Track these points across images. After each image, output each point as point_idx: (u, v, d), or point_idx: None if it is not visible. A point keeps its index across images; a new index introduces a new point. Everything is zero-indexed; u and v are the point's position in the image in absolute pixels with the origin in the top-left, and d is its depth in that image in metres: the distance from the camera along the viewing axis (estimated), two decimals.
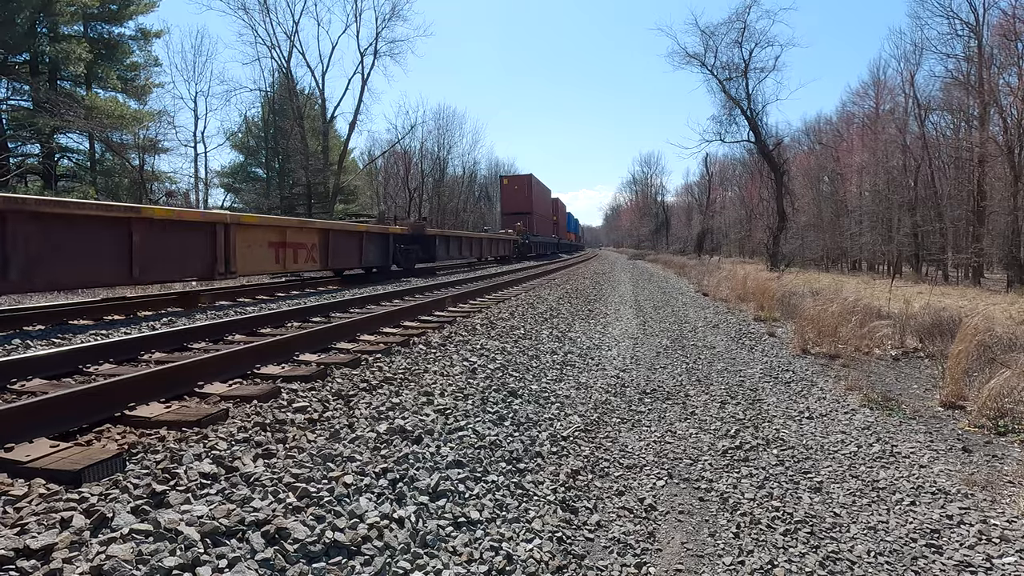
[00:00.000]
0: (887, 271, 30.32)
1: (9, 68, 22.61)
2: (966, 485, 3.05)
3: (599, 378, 5.16)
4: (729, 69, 25.62)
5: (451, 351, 4.96)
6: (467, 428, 3.17)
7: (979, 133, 24.58)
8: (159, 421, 2.82)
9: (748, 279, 12.27)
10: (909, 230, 28.74)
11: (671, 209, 70.97)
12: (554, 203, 48.27)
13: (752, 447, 3.60)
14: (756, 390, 4.95)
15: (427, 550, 2.06)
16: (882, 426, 4.00)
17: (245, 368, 3.91)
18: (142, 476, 2.11)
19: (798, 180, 37.37)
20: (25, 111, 23.39)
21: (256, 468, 2.24)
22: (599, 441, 3.62)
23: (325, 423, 2.91)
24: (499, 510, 2.47)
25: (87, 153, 27.01)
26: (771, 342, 7.16)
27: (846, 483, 3.09)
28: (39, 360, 3.74)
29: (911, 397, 4.79)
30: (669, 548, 2.46)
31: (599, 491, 2.93)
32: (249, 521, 1.86)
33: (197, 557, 1.66)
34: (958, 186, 27.88)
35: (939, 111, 29.43)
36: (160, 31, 29.95)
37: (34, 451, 2.30)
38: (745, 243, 47.64)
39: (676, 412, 4.32)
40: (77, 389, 2.87)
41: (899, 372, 5.73)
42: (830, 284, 15.93)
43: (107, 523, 1.76)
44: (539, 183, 39.55)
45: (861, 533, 2.57)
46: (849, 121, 40.34)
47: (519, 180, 37.18)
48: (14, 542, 1.62)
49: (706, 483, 3.08)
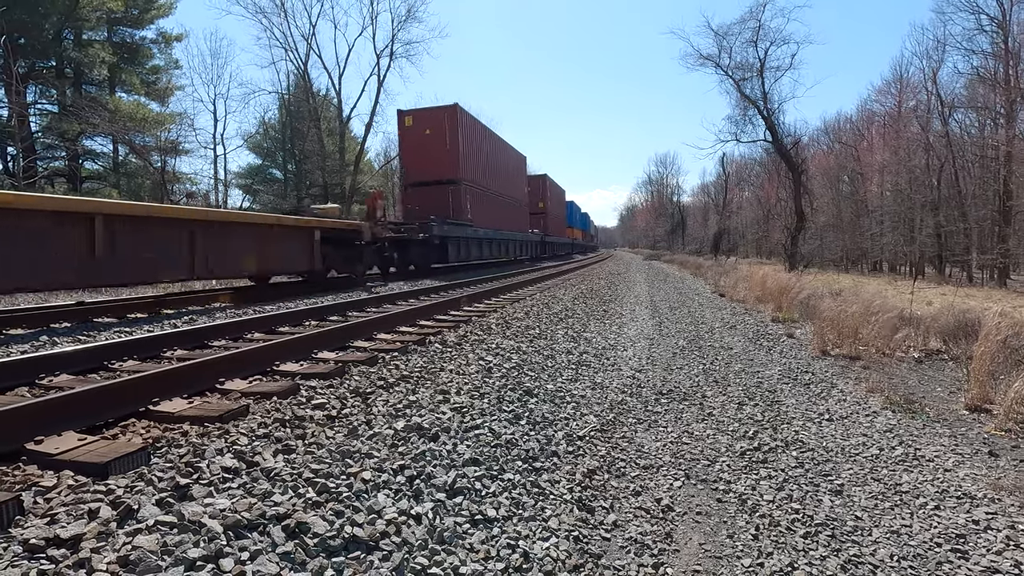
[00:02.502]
0: (909, 272, 29.75)
1: (37, 73, 23.21)
2: (992, 489, 2.98)
3: (615, 378, 5.14)
4: (744, 69, 25.30)
5: (467, 350, 4.97)
6: (483, 426, 3.18)
7: (1005, 131, 24.00)
8: (182, 416, 2.88)
9: (766, 280, 12.13)
10: (932, 230, 28.17)
11: (687, 209, 70.32)
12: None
13: (771, 449, 3.55)
14: (774, 391, 4.89)
15: (444, 546, 2.07)
16: (905, 429, 3.93)
17: (264, 365, 3.96)
18: (166, 469, 2.15)
19: (817, 180, 36.79)
20: (52, 115, 24.00)
21: (276, 463, 2.28)
22: (615, 441, 3.61)
23: (343, 420, 2.94)
24: (516, 508, 2.47)
25: (111, 156, 27.61)
26: (790, 343, 7.06)
27: (868, 486, 3.04)
28: (66, 356, 3.83)
29: (935, 400, 4.69)
30: (687, 549, 2.44)
31: (615, 491, 2.92)
32: (270, 515, 1.89)
33: (220, 549, 1.68)
34: (983, 185, 27.26)
35: (963, 109, 28.82)
36: (180, 35, 30.57)
37: (63, 444, 2.35)
38: (762, 243, 47.04)
39: (693, 413, 4.29)
40: (103, 384, 2.94)
41: (922, 374, 5.62)
42: (850, 285, 15.65)
43: (133, 514, 1.80)
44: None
45: (884, 537, 2.53)
46: (870, 119, 39.65)
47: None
48: (45, 531, 1.67)
49: (724, 484, 3.05)
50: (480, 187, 20.19)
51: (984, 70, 26.06)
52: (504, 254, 23.50)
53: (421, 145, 17.85)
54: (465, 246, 18.11)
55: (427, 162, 17.74)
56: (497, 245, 22.33)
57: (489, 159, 21.51)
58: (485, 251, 20.41)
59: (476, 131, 20.14)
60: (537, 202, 32.88)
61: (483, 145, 20.82)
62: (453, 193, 17.84)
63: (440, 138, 17.67)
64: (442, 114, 18.08)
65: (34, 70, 23.01)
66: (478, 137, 20.27)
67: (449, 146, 17.70)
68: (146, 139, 26.67)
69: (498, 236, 22.06)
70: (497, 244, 22.32)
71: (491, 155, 21.86)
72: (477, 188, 19.82)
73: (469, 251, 18.51)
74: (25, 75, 21.52)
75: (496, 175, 22.59)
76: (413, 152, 18.19)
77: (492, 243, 21.43)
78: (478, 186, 19.98)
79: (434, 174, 17.68)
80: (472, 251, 18.83)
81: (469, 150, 18.99)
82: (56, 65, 24.46)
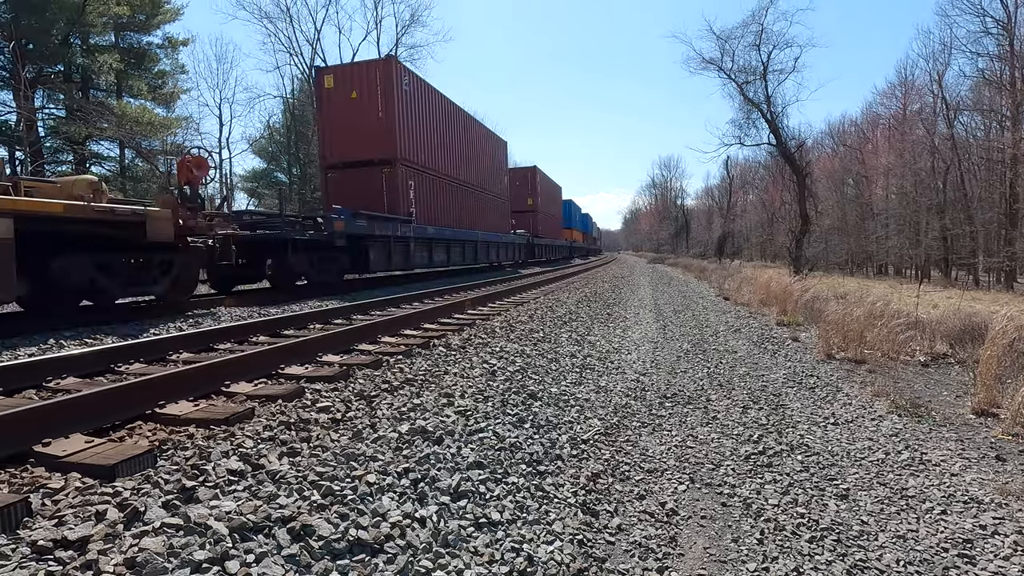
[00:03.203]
0: (915, 275, 29.60)
1: (45, 78, 23.42)
2: (1000, 494, 2.96)
3: (619, 382, 5.13)
4: (747, 72, 25.24)
5: (471, 353, 4.98)
6: (487, 430, 3.18)
7: (1011, 133, 23.88)
8: (188, 419, 2.89)
9: (770, 283, 12.09)
10: (938, 233, 28.04)
11: (691, 212, 70.25)
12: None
13: (776, 453, 3.54)
14: (779, 395, 4.87)
15: (449, 550, 2.07)
16: (911, 433, 3.91)
17: (270, 368, 3.97)
18: (172, 472, 2.16)
19: (821, 183, 36.66)
20: (59, 119, 24.22)
21: (281, 466, 2.29)
22: (619, 445, 3.60)
23: (348, 423, 2.95)
24: (520, 512, 2.47)
25: (117, 159, 27.81)
26: (794, 347, 7.04)
27: (874, 490, 3.03)
28: (73, 359, 3.86)
29: (941, 404, 4.67)
30: (691, 553, 2.43)
31: (620, 495, 2.92)
32: (275, 517, 1.90)
33: (226, 551, 1.69)
34: (989, 188, 27.13)
35: (969, 111, 28.72)
36: (186, 40, 30.80)
37: (70, 446, 2.37)
38: (767, 247, 46.92)
39: (697, 417, 4.27)
40: (110, 387, 2.96)
41: (928, 378, 5.59)
42: (855, 288, 15.58)
43: (139, 516, 1.81)
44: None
45: (890, 542, 2.52)
46: (875, 122, 39.57)
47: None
48: (53, 533, 1.68)
49: (729, 488, 3.04)
50: (430, 171, 15.34)
51: (989, 72, 25.99)
52: (471, 259, 18.79)
53: (346, 113, 13.19)
54: (401, 250, 13.31)
55: (353, 135, 13.10)
56: (460, 248, 17.43)
57: (447, 137, 16.57)
58: (439, 256, 15.68)
59: (425, 97, 15.03)
60: (525, 198, 29.13)
61: (437, 117, 15.87)
62: (388, 178, 13.21)
63: (371, 103, 12.95)
64: (374, 70, 13.28)
65: (42, 75, 23.23)
66: (428, 105, 15.23)
67: (383, 113, 12.93)
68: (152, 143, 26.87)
69: (461, 237, 17.30)
70: (460, 247, 17.42)
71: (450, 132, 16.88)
72: (426, 173, 15.02)
73: (409, 256, 13.67)
74: (33, 80, 21.74)
75: (459, 159, 17.77)
76: (336, 122, 13.36)
77: (450, 246, 16.53)
78: (427, 170, 15.09)
79: (362, 151, 13.16)
80: (416, 256, 14.03)
81: (413, 120, 14.24)
82: (64, 70, 24.70)
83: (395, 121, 13.31)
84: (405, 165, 13.86)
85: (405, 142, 13.87)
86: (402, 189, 13.69)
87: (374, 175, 13.39)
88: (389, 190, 13.39)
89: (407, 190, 13.94)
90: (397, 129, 13.42)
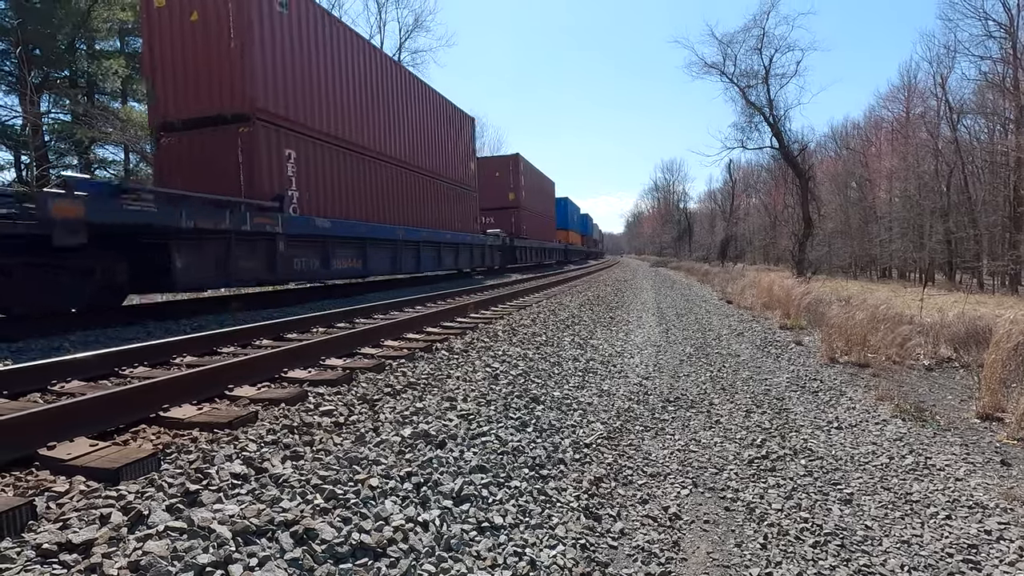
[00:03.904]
0: (918, 279, 29.50)
1: (51, 83, 23.60)
2: (1005, 499, 2.94)
3: (621, 385, 5.13)
4: (749, 76, 25.29)
5: (473, 357, 4.98)
6: (490, 434, 3.18)
7: (1015, 136, 23.83)
8: (192, 422, 2.90)
9: (773, 286, 12.07)
10: (942, 236, 27.95)
11: (694, 216, 70.19)
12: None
13: (779, 457, 3.53)
14: (783, 399, 4.86)
15: (451, 554, 2.07)
16: (915, 437, 3.89)
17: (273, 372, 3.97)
18: (176, 475, 2.17)
19: (824, 186, 36.63)
20: (64, 124, 24.38)
21: (285, 469, 2.29)
22: (622, 449, 3.60)
23: (351, 426, 2.96)
24: (522, 516, 2.47)
25: (122, 164, 27.97)
26: (798, 350, 7.02)
27: (878, 495, 3.02)
28: (78, 362, 3.87)
29: (945, 408, 4.65)
30: (695, 558, 2.43)
31: (622, 499, 2.91)
32: (278, 521, 1.90)
33: (229, 555, 1.70)
34: (993, 191, 27.07)
35: (972, 114, 28.68)
36: None
37: (75, 449, 2.38)
38: (770, 250, 46.85)
39: (700, 421, 4.27)
40: (115, 391, 2.97)
41: (932, 382, 5.57)
42: (859, 292, 15.56)
43: (143, 520, 1.82)
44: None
45: (894, 547, 2.51)
46: (878, 125, 39.54)
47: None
48: (57, 536, 1.69)
49: (732, 493, 3.04)
50: (331, 140, 10.78)
51: (993, 75, 25.95)
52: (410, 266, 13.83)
53: (185, 44, 9.12)
54: (260, 253, 8.73)
55: (196, 78, 9.05)
56: (388, 252, 12.64)
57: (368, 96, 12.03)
58: (344, 262, 10.92)
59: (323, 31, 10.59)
60: (504, 192, 25.03)
61: (349, 65, 11.37)
62: (246, 142, 8.85)
63: (220, 28, 8.89)
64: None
65: (48, 80, 23.41)
66: (329, 45, 10.76)
67: (236, 42, 8.84)
68: None
69: (385, 235, 12.34)
70: (388, 250, 12.64)
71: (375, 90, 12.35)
72: (322, 141, 10.48)
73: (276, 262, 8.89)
74: (39, 85, 21.89)
75: (389, 129, 12.98)
76: (169, 59, 9.26)
77: (367, 248, 11.60)
78: (324, 137, 10.54)
79: (208, 102, 9.01)
80: (293, 262, 9.38)
81: (296, 60, 9.78)
82: (70, 75, 24.88)
83: (256, 55, 8.89)
84: (275, 124, 9.26)
85: (277, 89, 9.30)
86: (271, 160, 9.16)
87: (226, 139, 8.94)
88: (247, 160, 8.91)
89: (281, 162, 9.37)
90: (259, 67, 8.88)
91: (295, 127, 9.82)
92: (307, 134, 10.13)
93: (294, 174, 9.74)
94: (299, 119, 9.92)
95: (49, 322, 6.14)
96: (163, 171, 9.46)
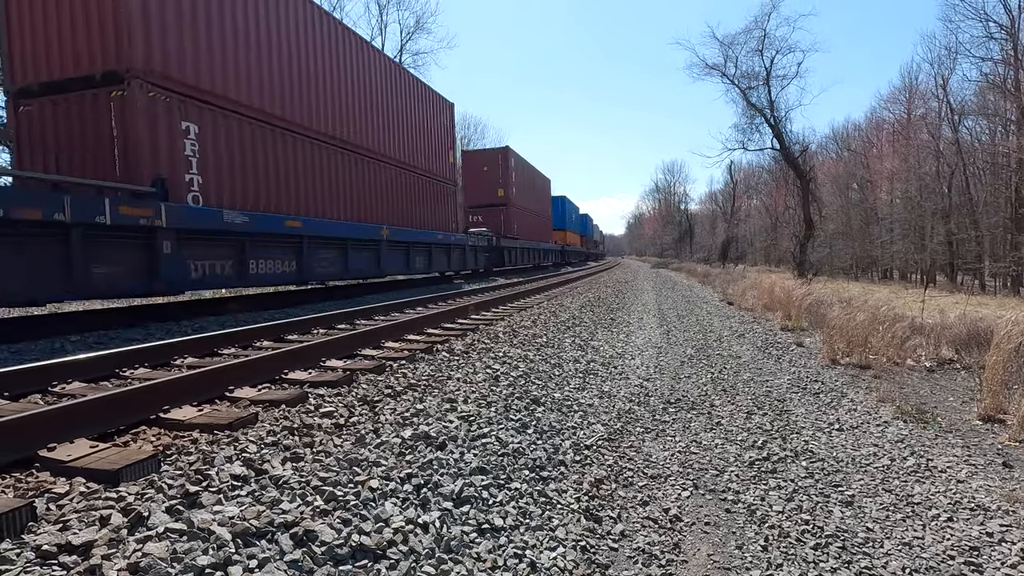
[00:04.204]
0: (920, 280, 29.47)
1: None
2: (1007, 501, 2.93)
3: (622, 387, 5.12)
4: (750, 78, 25.33)
5: (474, 358, 4.98)
6: (490, 435, 3.18)
7: (1016, 137, 23.81)
8: (192, 424, 2.90)
9: (774, 288, 12.06)
10: (943, 238, 27.92)
11: (695, 217, 70.16)
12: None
13: (780, 459, 3.53)
14: (784, 401, 4.85)
15: (451, 556, 2.07)
16: (917, 439, 3.88)
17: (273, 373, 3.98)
18: (176, 477, 2.17)
19: (826, 187, 36.60)
20: None
21: (285, 471, 2.29)
22: (623, 450, 3.59)
23: (351, 428, 2.95)
24: (523, 517, 2.47)
25: None
26: (799, 352, 7.01)
27: (879, 497, 3.01)
28: (78, 364, 3.88)
29: (947, 410, 4.64)
30: (695, 560, 2.42)
31: (623, 501, 2.91)
32: (278, 523, 1.90)
33: (229, 557, 1.70)
34: (995, 192, 27.02)
35: (974, 116, 28.66)
36: None
37: (75, 451, 2.38)
38: (771, 251, 46.81)
39: (701, 422, 4.26)
40: (115, 392, 2.97)
41: (934, 384, 5.56)
42: (860, 293, 15.54)
43: (143, 521, 1.82)
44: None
45: (896, 549, 2.50)
46: (879, 127, 39.53)
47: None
48: (57, 538, 1.69)
49: (733, 494, 3.03)
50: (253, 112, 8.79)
51: (994, 77, 25.94)
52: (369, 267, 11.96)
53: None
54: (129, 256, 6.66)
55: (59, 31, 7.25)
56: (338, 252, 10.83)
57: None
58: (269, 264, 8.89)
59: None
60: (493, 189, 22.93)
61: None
62: (120, 111, 7.03)
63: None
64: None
65: None
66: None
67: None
68: None
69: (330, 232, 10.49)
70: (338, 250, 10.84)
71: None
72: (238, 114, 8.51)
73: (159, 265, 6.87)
74: None
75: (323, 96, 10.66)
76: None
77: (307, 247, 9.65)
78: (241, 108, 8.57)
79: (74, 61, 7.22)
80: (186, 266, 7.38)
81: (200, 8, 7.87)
82: None
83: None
84: (166, 89, 7.36)
85: (169, 45, 7.44)
86: (158, 135, 7.24)
87: (95, 106, 7.15)
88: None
89: (175, 138, 7.46)
90: (139, 13, 7.05)
91: (199, 95, 7.78)
92: (218, 104, 8.09)
93: (195, 154, 7.69)
94: (205, 85, 7.86)
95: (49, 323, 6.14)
96: (24, 148, 7.54)
